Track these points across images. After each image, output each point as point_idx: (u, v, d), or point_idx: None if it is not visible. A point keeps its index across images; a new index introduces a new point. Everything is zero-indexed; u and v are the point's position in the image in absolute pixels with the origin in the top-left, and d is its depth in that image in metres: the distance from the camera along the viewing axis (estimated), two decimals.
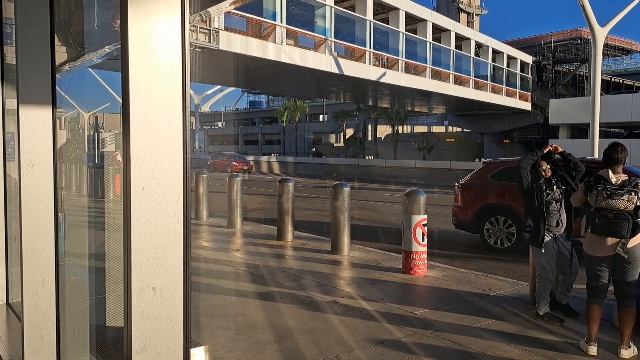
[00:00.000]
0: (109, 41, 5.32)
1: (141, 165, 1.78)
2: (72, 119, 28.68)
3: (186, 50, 1.84)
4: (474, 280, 6.46)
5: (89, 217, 9.80)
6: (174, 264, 1.82)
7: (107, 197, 13.51)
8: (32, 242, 2.87)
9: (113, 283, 3.91)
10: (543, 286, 4.95)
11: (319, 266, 7.16)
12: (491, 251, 8.90)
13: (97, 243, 6.28)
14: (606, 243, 4.08)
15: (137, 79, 1.77)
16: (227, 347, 4.20)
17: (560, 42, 47.14)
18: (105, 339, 3.32)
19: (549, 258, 4.95)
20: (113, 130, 27.01)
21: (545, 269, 4.95)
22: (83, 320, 3.61)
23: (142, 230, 1.77)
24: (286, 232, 9.10)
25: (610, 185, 4.04)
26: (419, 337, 4.47)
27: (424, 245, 6.70)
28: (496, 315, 5.07)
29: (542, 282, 4.96)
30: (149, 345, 1.80)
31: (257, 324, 4.74)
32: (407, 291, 6.16)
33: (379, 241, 9.76)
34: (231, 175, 11.12)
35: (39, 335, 2.86)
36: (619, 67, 54.85)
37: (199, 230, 10.24)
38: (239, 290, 5.98)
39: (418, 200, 6.70)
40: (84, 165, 16.43)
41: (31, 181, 2.88)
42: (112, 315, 3.53)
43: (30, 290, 2.86)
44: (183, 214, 1.84)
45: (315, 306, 5.32)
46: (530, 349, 4.21)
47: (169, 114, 1.83)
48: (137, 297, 1.77)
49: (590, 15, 18.67)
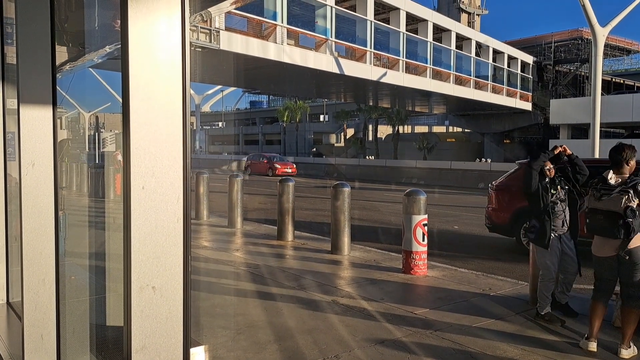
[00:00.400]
0: (109, 41, 5.32)
1: (141, 164, 1.78)
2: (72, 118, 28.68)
3: (186, 50, 1.84)
4: (474, 280, 6.46)
5: (90, 216, 9.81)
6: (173, 263, 1.83)
7: (108, 196, 13.52)
8: (32, 242, 2.88)
9: (113, 282, 3.92)
10: (546, 286, 4.95)
11: (319, 266, 7.17)
12: (496, 252, 8.89)
13: (98, 243, 6.28)
14: (607, 243, 4.09)
15: (137, 78, 1.78)
16: (227, 346, 4.20)
17: (561, 42, 47.13)
18: (105, 339, 3.33)
19: (554, 258, 4.94)
20: (114, 130, 27.02)
21: (549, 268, 4.94)
22: (83, 320, 3.62)
23: (142, 229, 1.77)
24: (286, 232, 9.11)
25: (605, 185, 4.05)
26: (419, 336, 4.47)
27: (424, 245, 6.70)
28: (496, 315, 5.07)
29: (546, 282, 4.95)
30: (149, 345, 1.81)
31: (257, 324, 4.75)
32: (407, 291, 6.16)
33: (379, 241, 9.76)
34: (231, 175, 11.13)
35: (39, 334, 2.86)
36: (620, 67, 54.83)
37: (199, 229, 10.25)
38: (239, 290, 5.99)
39: (418, 200, 6.70)
40: (84, 165, 16.45)
41: (32, 181, 2.89)
42: (112, 314, 3.54)
43: (30, 290, 2.86)
44: (183, 213, 1.84)
45: (315, 306, 5.32)
46: (530, 349, 4.21)
47: (169, 113, 1.83)
48: (137, 296, 1.77)
49: (591, 15, 18.66)
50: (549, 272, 4.95)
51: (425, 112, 54.39)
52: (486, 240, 10.34)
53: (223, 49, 19.84)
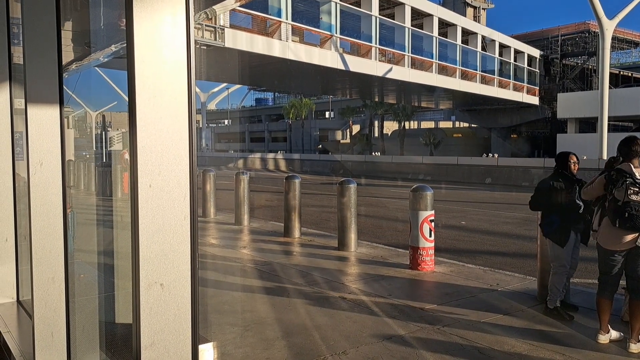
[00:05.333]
0: (114, 40, 5.34)
1: (148, 162, 1.79)
2: (79, 117, 28.82)
3: (191, 48, 1.84)
4: (482, 276, 6.44)
5: (97, 215, 9.86)
6: (181, 260, 1.84)
7: (115, 195, 13.59)
8: (41, 241, 2.90)
9: (122, 280, 3.94)
10: (559, 279, 4.91)
11: (326, 262, 7.18)
12: (504, 247, 8.87)
13: (106, 241, 6.32)
14: (628, 237, 4.05)
15: (143, 77, 1.78)
16: (235, 343, 4.22)
17: (568, 35, 46.76)
18: (115, 336, 3.35)
19: (568, 251, 4.92)
20: (120, 129, 27.11)
21: (563, 261, 4.90)
22: (92, 317, 3.65)
23: (149, 227, 1.78)
24: (293, 228, 9.12)
25: (637, 179, 3.99)
26: (427, 332, 4.47)
27: (431, 241, 6.69)
28: (504, 311, 5.05)
29: (559, 275, 4.91)
30: (158, 341, 1.82)
31: (264, 320, 4.76)
32: (414, 287, 6.15)
33: (385, 237, 9.75)
34: (238, 173, 11.16)
35: (49, 332, 2.89)
36: (628, 60, 54.33)
37: (207, 227, 10.29)
38: (247, 287, 6.01)
39: (425, 196, 6.69)
40: (91, 164, 16.55)
41: (40, 180, 2.91)
42: (121, 312, 3.56)
43: (40, 288, 2.89)
44: (190, 210, 1.85)
45: (322, 302, 5.33)
46: (538, 344, 4.20)
47: (174, 111, 1.84)
48: (146, 293, 1.78)
49: (598, 8, 18.50)
50: (562, 265, 4.91)
51: (431, 108, 54.20)
52: (493, 235, 10.31)
53: (228, 46, 19.85)
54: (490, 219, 12.75)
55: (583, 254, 5.23)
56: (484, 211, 14.46)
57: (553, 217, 4.97)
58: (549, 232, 5.01)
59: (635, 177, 4.01)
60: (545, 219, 5.07)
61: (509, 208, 14.97)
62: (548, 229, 5.02)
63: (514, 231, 10.81)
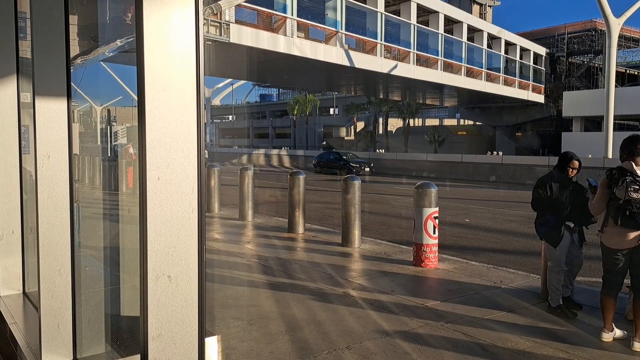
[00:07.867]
0: (120, 34, 5.35)
1: (156, 156, 1.80)
2: (84, 112, 28.90)
3: (200, 42, 1.85)
4: (485, 273, 6.45)
5: (103, 209, 9.90)
6: (189, 252, 1.85)
7: (120, 189, 13.64)
8: (48, 233, 2.92)
9: (127, 274, 3.97)
10: (556, 277, 4.93)
11: (330, 258, 7.19)
12: (508, 245, 8.87)
13: (112, 234, 6.35)
14: (631, 235, 4.04)
15: (153, 71, 1.79)
16: (239, 337, 4.25)
17: (574, 33, 46.53)
18: (120, 328, 3.38)
19: (563, 249, 4.93)
20: (125, 124, 27.18)
21: (558, 260, 4.92)
22: (98, 310, 3.67)
23: (157, 219, 1.80)
24: (297, 224, 9.14)
25: (638, 177, 3.98)
26: (430, 328, 4.48)
27: (435, 237, 6.69)
28: (508, 308, 5.06)
29: (555, 274, 4.94)
30: (165, 332, 1.84)
31: (268, 315, 4.78)
32: (418, 283, 6.16)
33: (389, 234, 9.76)
34: (242, 168, 11.19)
35: (55, 323, 2.91)
36: (634, 59, 53.95)
37: (211, 222, 10.32)
38: (251, 282, 6.03)
39: (429, 193, 6.69)
40: (96, 158, 16.62)
41: (47, 173, 2.92)
42: (127, 304, 3.58)
43: (46, 280, 2.91)
44: (198, 204, 1.86)
45: (326, 298, 5.35)
46: (542, 341, 4.20)
47: (183, 105, 1.85)
48: (153, 285, 1.80)
49: (605, 6, 18.40)
50: (558, 263, 4.93)
51: (436, 105, 54.08)
52: (497, 233, 10.30)
53: (233, 42, 19.87)
54: (494, 217, 12.74)
55: (587, 252, 5.23)
56: (488, 209, 14.44)
57: (547, 217, 5.00)
58: (543, 232, 5.07)
59: (636, 175, 4.00)
60: (539, 219, 5.11)
61: (513, 206, 14.95)
62: (542, 229, 5.08)
63: (517, 229, 10.80)
